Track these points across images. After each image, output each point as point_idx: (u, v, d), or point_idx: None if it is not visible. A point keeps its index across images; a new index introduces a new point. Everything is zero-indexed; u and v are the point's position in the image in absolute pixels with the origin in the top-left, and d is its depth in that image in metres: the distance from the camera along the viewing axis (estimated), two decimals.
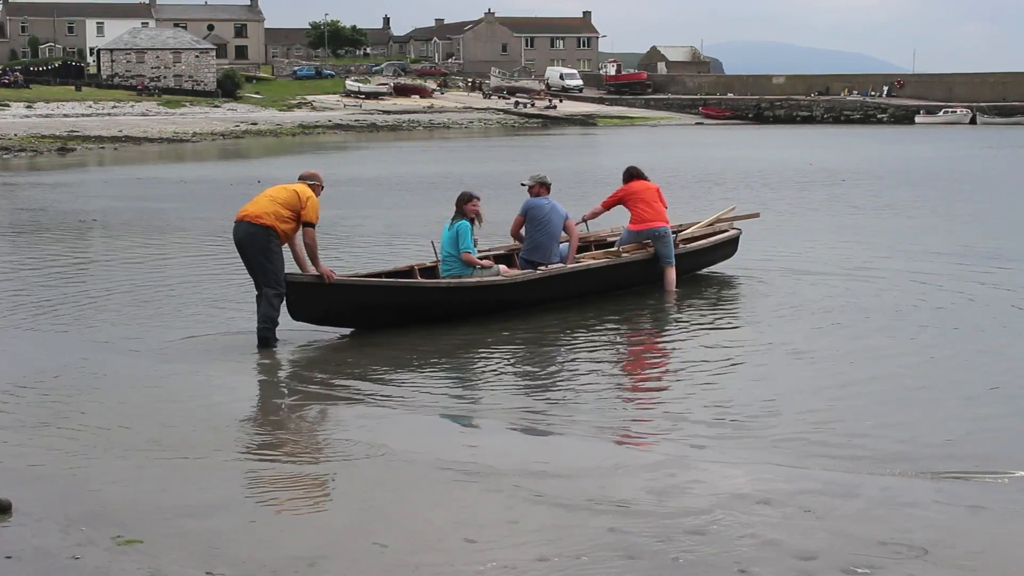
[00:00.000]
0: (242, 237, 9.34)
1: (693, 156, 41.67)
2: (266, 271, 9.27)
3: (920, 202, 22.94)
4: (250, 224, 9.28)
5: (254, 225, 9.26)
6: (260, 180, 28.21)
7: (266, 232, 9.24)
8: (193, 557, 4.90)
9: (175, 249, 16.21)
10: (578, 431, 7.12)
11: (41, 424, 7.09)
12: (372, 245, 16.07)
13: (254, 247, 9.26)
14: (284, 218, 9.28)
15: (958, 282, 12.44)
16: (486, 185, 25.55)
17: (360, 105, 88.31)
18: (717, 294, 12.15)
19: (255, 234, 9.25)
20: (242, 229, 9.34)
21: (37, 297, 11.83)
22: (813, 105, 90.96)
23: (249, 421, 7.45)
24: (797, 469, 6.15)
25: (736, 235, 13.18)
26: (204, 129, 63.48)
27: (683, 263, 12.16)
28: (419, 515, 5.45)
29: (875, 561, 4.84)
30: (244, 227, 9.32)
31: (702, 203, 21.86)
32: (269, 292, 9.25)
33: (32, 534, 5.18)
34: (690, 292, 12.01)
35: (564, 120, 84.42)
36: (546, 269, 10.84)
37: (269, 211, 9.26)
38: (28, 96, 75.52)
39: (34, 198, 25.43)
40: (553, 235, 11.19)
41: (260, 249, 9.25)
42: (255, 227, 9.25)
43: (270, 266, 9.27)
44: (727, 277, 12.97)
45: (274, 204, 9.30)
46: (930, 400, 7.70)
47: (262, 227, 9.23)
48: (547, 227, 11.16)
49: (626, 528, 5.24)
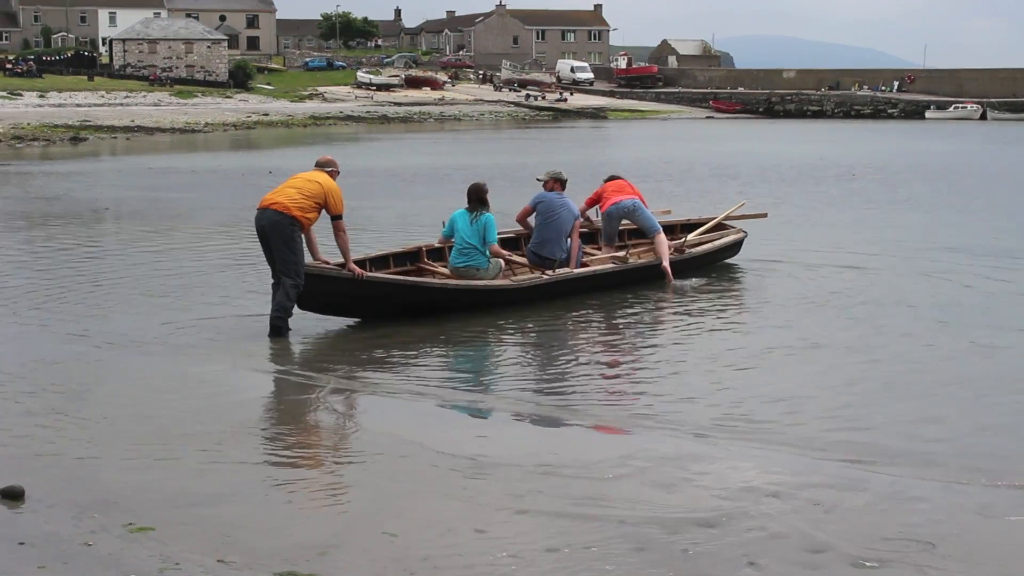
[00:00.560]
0: (267, 225, 9.38)
1: (704, 151, 41.60)
2: (287, 261, 9.32)
3: (934, 197, 22.87)
4: (276, 213, 9.34)
5: (280, 214, 9.32)
6: (272, 171, 28.27)
7: (291, 222, 9.31)
8: (204, 545, 4.93)
9: (186, 238, 16.25)
10: (587, 423, 7.14)
11: (52, 412, 7.13)
12: (385, 233, 16.07)
13: (278, 236, 9.31)
14: (309, 209, 9.38)
15: (973, 278, 12.40)
16: (498, 177, 25.57)
17: (371, 97, 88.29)
18: (729, 288, 12.14)
19: (280, 223, 9.30)
20: (268, 217, 9.38)
21: (49, 285, 11.87)
22: (823, 100, 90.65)
23: (259, 410, 7.48)
24: (806, 462, 6.16)
25: (740, 238, 13.21)
26: (216, 119, 63.56)
27: (688, 266, 12.31)
28: (429, 505, 5.48)
29: (883, 555, 4.85)
30: (270, 215, 9.37)
31: (716, 197, 21.84)
32: (287, 282, 9.29)
33: (45, 520, 5.22)
34: (700, 285, 12.00)
35: (575, 113, 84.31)
36: (553, 274, 10.90)
37: (296, 202, 9.34)
38: (41, 85, 75.70)
39: (47, 187, 25.51)
40: (561, 231, 11.21)
41: (284, 239, 9.30)
42: (281, 216, 9.31)
43: (292, 257, 9.32)
44: (739, 271, 12.96)
45: (300, 195, 9.38)
46: (941, 396, 7.69)
47: (288, 217, 9.30)
48: (555, 222, 11.19)
49: (635, 520, 5.26)
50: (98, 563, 4.72)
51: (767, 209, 16.42)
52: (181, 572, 4.64)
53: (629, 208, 12.31)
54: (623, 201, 12.34)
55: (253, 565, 4.71)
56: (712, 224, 13.29)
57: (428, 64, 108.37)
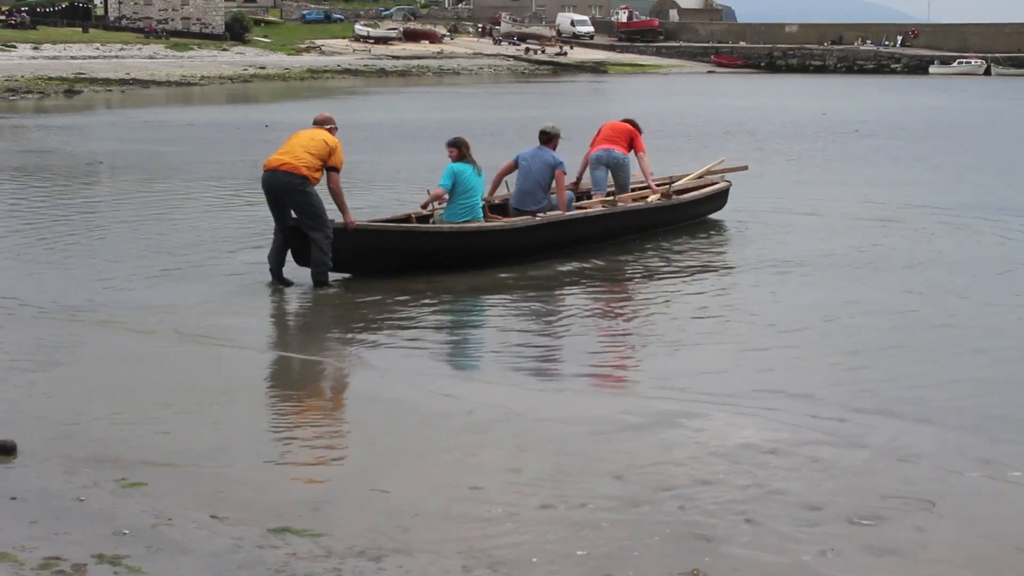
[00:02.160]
0: (278, 185, 9.37)
1: (704, 105, 41.30)
2: (312, 216, 9.33)
3: (940, 154, 22.72)
4: (286, 174, 9.32)
5: (291, 175, 9.31)
6: (268, 124, 28.05)
7: (304, 181, 9.32)
8: (197, 500, 4.91)
9: (180, 192, 16.13)
10: (583, 382, 7.09)
11: (44, 367, 7.08)
12: (381, 190, 15.97)
13: (296, 197, 9.33)
14: (315, 167, 9.39)
15: (979, 235, 12.30)
16: (494, 133, 25.36)
17: (369, 50, 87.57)
18: (727, 246, 12.06)
19: (293, 184, 9.30)
20: (279, 179, 9.36)
21: (42, 240, 11.79)
22: (826, 55, 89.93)
23: (253, 368, 7.44)
24: (805, 420, 6.12)
25: (726, 187, 13.19)
26: (212, 73, 62.99)
27: (674, 214, 12.29)
28: (422, 462, 5.45)
29: (882, 512, 4.82)
30: (281, 176, 9.35)
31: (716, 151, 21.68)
32: (318, 236, 9.31)
33: (37, 475, 5.18)
34: (700, 243, 11.93)
35: (575, 67, 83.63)
36: (544, 216, 10.75)
37: (305, 161, 9.33)
38: (35, 37, 74.95)
39: (41, 140, 25.33)
40: (536, 182, 11.07)
41: (303, 197, 9.32)
42: (292, 176, 9.30)
43: (315, 210, 9.35)
44: (736, 228, 12.86)
45: (308, 154, 9.37)
46: (941, 354, 7.64)
47: (300, 177, 9.30)
48: (526, 174, 11.13)
49: (631, 477, 5.23)
50: (91, 518, 4.69)
51: (766, 165, 16.30)
52: (174, 527, 4.62)
53: (605, 159, 12.16)
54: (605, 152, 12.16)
55: (246, 521, 4.68)
56: (695, 175, 13.25)
57: (427, 18, 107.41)
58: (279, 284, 9.50)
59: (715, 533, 4.62)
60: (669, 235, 12.00)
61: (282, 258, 9.58)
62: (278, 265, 9.57)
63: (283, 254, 9.58)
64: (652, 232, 11.95)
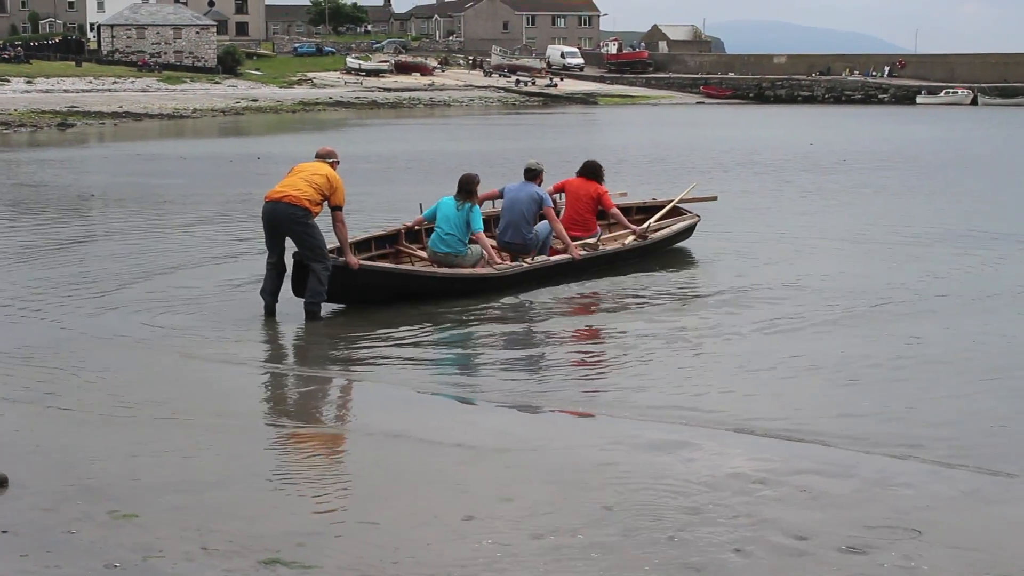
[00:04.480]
0: (280, 217, 9.45)
1: (693, 136, 41.53)
2: (312, 247, 9.44)
3: (929, 183, 22.87)
4: (289, 206, 9.41)
5: (293, 207, 9.40)
6: (260, 157, 28.17)
7: (305, 213, 9.41)
8: (187, 532, 4.91)
9: (173, 224, 16.16)
10: (574, 410, 7.12)
11: (36, 399, 7.09)
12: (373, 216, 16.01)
13: (297, 229, 9.42)
14: (316, 202, 9.50)
15: (968, 264, 12.38)
16: (484, 164, 25.46)
17: (361, 82, 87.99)
18: (716, 274, 12.12)
19: (295, 215, 9.39)
20: (281, 210, 9.44)
21: (35, 272, 11.80)
22: (814, 85, 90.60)
23: (244, 399, 7.44)
24: (794, 449, 6.15)
25: (694, 223, 13.36)
26: (204, 105, 63.25)
27: (650, 250, 12.50)
28: (413, 493, 5.45)
29: (870, 541, 4.84)
30: (284, 208, 9.43)
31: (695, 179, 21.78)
32: (317, 267, 9.43)
33: (28, 508, 5.18)
34: (690, 271, 11.99)
35: (565, 98, 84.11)
36: (532, 263, 11.05)
37: (306, 194, 9.42)
38: (28, 71, 75.20)
39: (34, 173, 25.37)
40: (519, 215, 11.32)
41: (303, 229, 9.42)
42: (294, 208, 9.40)
43: (315, 242, 9.45)
44: (727, 256, 12.94)
45: (309, 187, 9.47)
46: (927, 382, 7.68)
47: (301, 209, 9.40)
48: (512, 206, 11.40)
49: (622, 506, 5.24)
50: (81, 551, 4.69)
51: (754, 195, 16.42)
52: (165, 559, 4.61)
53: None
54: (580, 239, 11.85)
55: (237, 553, 4.68)
56: (668, 209, 13.43)
57: (418, 50, 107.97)
58: (272, 318, 9.52)
59: (705, 563, 4.63)
60: (646, 266, 12.08)
61: (276, 293, 9.62)
62: (272, 299, 9.60)
63: (277, 288, 9.63)
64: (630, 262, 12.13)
